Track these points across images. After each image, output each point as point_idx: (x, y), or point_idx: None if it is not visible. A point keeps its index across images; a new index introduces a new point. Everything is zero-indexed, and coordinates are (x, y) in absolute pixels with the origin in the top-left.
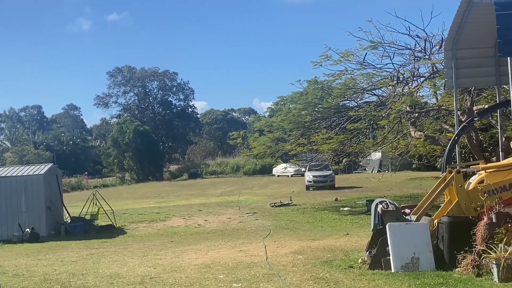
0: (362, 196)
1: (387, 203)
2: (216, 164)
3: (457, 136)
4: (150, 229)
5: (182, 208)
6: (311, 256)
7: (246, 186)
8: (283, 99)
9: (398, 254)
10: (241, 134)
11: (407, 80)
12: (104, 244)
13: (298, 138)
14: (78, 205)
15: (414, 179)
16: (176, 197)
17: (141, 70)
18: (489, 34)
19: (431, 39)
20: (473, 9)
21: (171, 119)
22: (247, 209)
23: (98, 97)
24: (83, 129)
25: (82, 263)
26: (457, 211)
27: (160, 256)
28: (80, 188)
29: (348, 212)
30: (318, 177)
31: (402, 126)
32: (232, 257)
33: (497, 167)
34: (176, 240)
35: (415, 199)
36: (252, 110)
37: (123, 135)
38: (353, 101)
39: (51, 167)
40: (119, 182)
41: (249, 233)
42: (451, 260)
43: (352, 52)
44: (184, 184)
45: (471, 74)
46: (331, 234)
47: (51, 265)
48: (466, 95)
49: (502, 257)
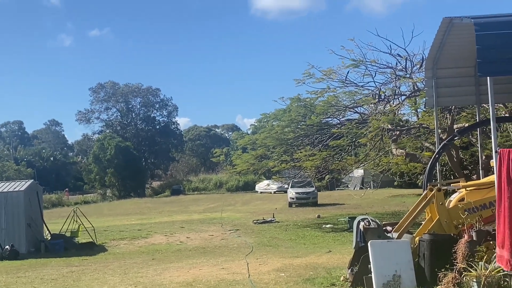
0: (345, 213)
1: (369, 220)
2: (198, 180)
3: (437, 154)
4: (131, 246)
5: (164, 225)
6: (293, 274)
7: (229, 202)
8: (266, 116)
9: (380, 272)
10: (224, 151)
11: (388, 98)
12: (85, 261)
13: (281, 155)
14: (59, 222)
15: (395, 196)
16: (158, 214)
17: (124, 86)
18: (469, 54)
19: (412, 58)
20: (453, 29)
21: (153, 135)
22: (229, 226)
23: (80, 112)
24: (65, 145)
25: (62, 281)
26: (438, 229)
27: (141, 274)
28: (61, 205)
29: (330, 229)
30: (301, 193)
31: (384, 144)
32: (214, 274)
33: (477, 185)
34: (158, 258)
35: (397, 217)
36: (236, 127)
37: (104, 151)
38: (335, 119)
39: (32, 183)
40: (100, 198)
41: (231, 250)
42: (432, 278)
43: (334, 70)
44: (166, 201)
45: (451, 93)
46: (313, 252)
47: (31, 283)
48: (446, 113)
49: (482, 275)
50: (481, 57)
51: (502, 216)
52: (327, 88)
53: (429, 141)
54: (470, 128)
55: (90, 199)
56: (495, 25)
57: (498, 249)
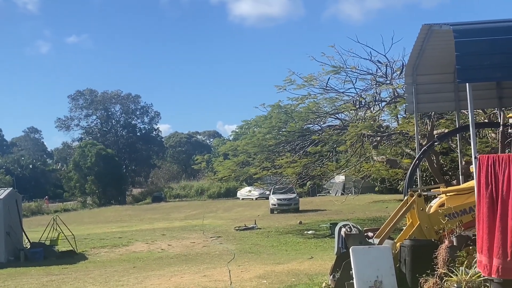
0: (326, 219)
1: (351, 226)
2: (180, 187)
3: (418, 160)
4: (112, 254)
5: (145, 233)
6: (275, 281)
7: (211, 209)
8: (248, 122)
9: (361, 278)
10: (206, 157)
11: (369, 105)
12: (65, 270)
13: (263, 161)
14: (38, 230)
15: (377, 202)
16: (139, 221)
17: (103, 93)
18: (448, 60)
19: (392, 64)
20: (432, 36)
21: (134, 142)
22: (211, 233)
23: (60, 120)
24: (44, 152)
25: None
26: (419, 235)
27: (122, 282)
28: (41, 213)
29: (312, 236)
30: (282, 200)
31: (364, 150)
32: (196, 282)
33: (457, 191)
34: (139, 266)
35: (378, 222)
36: (217, 133)
37: (85, 158)
38: (316, 125)
39: (11, 191)
40: (80, 206)
41: (213, 257)
42: (413, 283)
43: (315, 77)
44: (147, 208)
45: (431, 99)
46: (295, 258)
47: None
48: (426, 119)
49: (463, 280)
50: (460, 63)
51: (481, 222)
52: (308, 95)
53: (409, 147)
54: (449, 134)
55: (70, 206)
56: (474, 32)
57: (478, 254)
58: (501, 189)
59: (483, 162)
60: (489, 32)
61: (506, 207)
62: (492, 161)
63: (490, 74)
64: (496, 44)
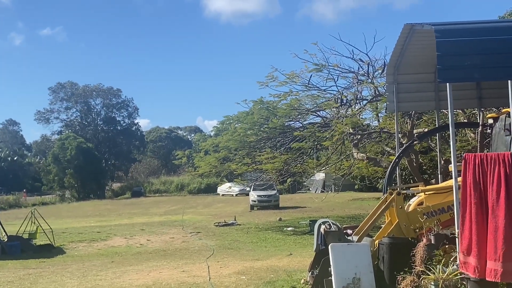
0: (306, 216)
1: (330, 223)
2: (160, 182)
3: (397, 158)
4: (90, 248)
5: (124, 227)
6: (254, 277)
7: (190, 205)
8: (229, 118)
9: (340, 275)
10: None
11: (350, 103)
12: (42, 264)
13: (243, 157)
14: (16, 223)
15: (356, 199)
16: (118, 216)
17: (85, 86)
18: (429, 60)
19: (374, 63)
20: (414, 36)
21: (114, 136)
22: (190, 228)
23: (39, 112)
24: (23, 145)
25: (19, 284)
26: (397, 232)
27: (100, 276)
28: (18, 206)
29: (291, 232)
30: (262, 196)
31: (345, 148)
32: (174, 277)
33: (436, 190)
34: (117, 260)
35: (357, 220)
36: (198, 129)
37: (64, 151)
38: (298, 122)
39: None
40: (59, 200)
41: (192, 253)
42: (391, 281)
43: (297, 74)
44: (127, 203)
45: (412, 99)
46: (274, 254)
47: None
48: (407, 118)
49: (440, 278)
50: (441, 63)
51: (468, 222)
52: (290, 92)
53: (389, 145)
54: (429, 133)
55: (49, 200)
56: (455, 32)
57: (461, 255)
58: (491, 189)
59: (469, 161)
60: (470, 32)
61: (498, 208)
62: (480, 160)
63: (471, 74)
64: (477, 45)
